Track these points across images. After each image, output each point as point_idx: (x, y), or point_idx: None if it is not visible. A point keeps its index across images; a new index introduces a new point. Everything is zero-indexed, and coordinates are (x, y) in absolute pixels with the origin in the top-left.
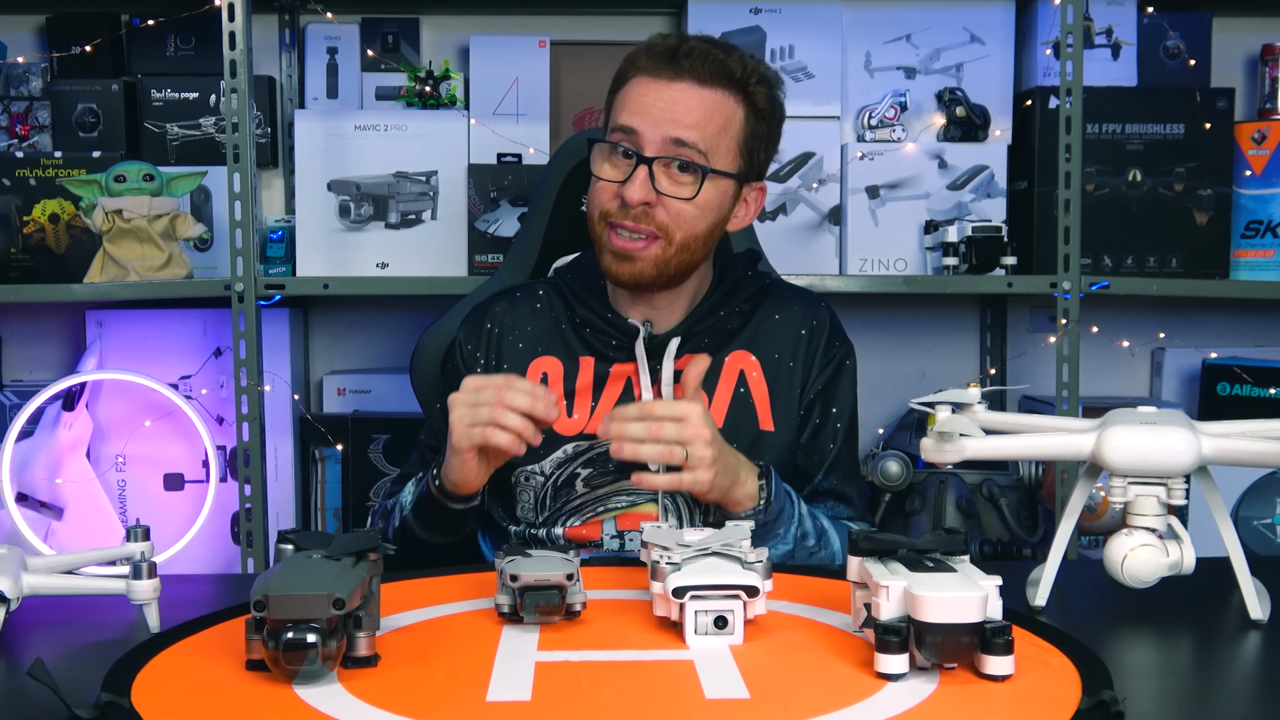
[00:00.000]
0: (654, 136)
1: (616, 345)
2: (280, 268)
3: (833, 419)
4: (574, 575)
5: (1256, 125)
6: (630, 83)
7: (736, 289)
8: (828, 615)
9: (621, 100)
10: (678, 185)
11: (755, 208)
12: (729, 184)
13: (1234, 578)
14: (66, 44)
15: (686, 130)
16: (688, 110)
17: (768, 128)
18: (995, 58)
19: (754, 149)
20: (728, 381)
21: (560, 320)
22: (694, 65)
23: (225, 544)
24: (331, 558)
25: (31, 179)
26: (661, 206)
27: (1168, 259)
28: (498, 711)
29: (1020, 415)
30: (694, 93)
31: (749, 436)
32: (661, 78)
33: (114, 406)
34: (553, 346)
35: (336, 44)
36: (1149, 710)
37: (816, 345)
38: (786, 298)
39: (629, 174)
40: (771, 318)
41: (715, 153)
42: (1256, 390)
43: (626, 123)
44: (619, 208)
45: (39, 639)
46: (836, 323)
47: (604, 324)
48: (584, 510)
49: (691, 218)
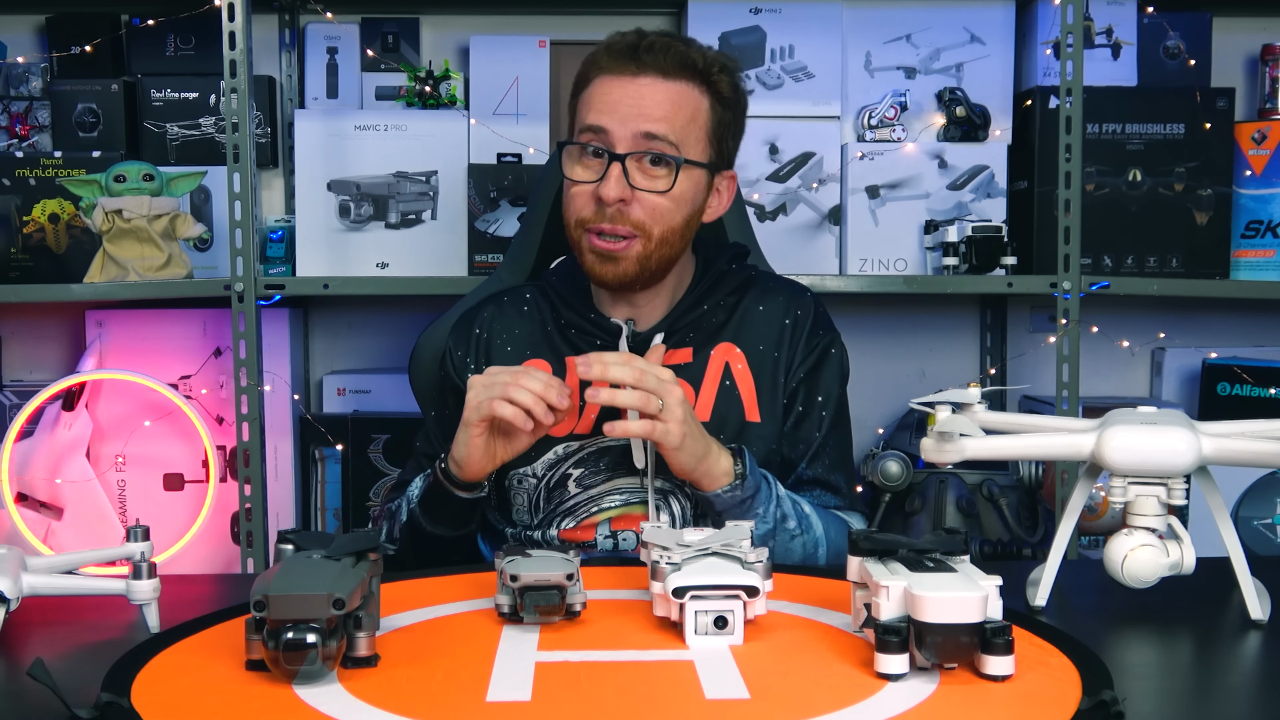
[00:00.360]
0: (624, 133)
1: (601, 345)
2: (280, 268)
3: (817, 407)
4: (574, 575)
5: (1257, 125)
6: (593, 83)
7: (720, 282)
8: (828, 615)
9: (587, 101)
10: (652, 179)
11: (728, 197)
12: (701, 174)
13: (1234, 578)
14: (66, 44)
15: (656, 123)
16: (655, 103)
17: (733, 115)
18: (995, 58)
19: (722, 137)
20: (713, 374)
21: (546, 323)
22: (656, 59)
23: (225, 544)
24: (331, 558)
25: (31, 179)
26: (637, 203)
27: (1168, 259)
28: (498, 711)
29: (1020, 415)
30: (659, 86)
31: (735, 428)
32: (625, 74)
33: (114, 406)
34: (540, 349)
35: (336, 44)
36: (1149, 710)
37: (800, 334)
38: (771, 288)
39: (602, 173)
40: (755, 309)
41: (686, 143)
42: (1257, 390)
43: (595, 122)
44: (595, 211)
45: (39, 639)
46: (822, 311)
47: (588, 324)
48: (578, 511)
49: (667, 212)
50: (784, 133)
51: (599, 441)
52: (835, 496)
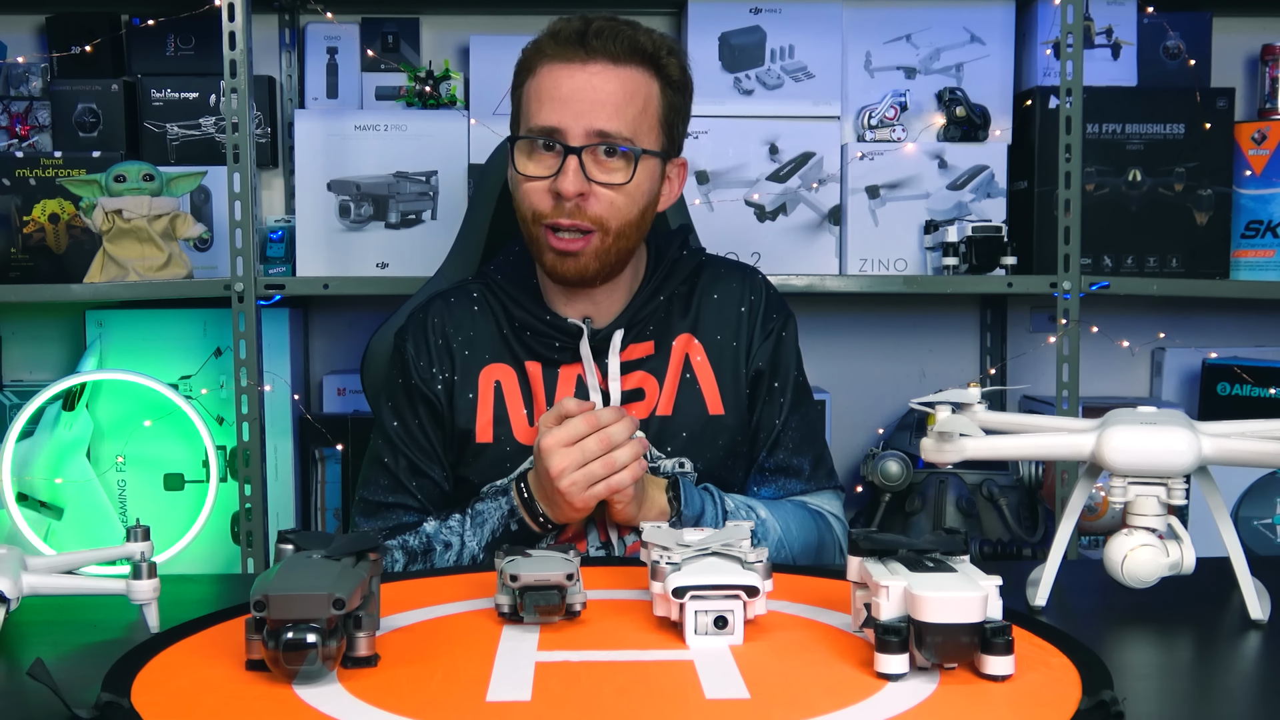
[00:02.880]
0: (577, 130)
1: (560, 347)
2: (280, 268)
3: (775, 394)
4: (574, 575)
5: (1257, 125)
6: (540, 72)
7: (674, 271)
8: (828, 615)
9: (534, 92)
10: (609, 172)
11: (679, 183)
12: (655, 163)
13: (1234, 578)
14: (66, 44)
15: (609, 120)
16: (608, 95)
17: (683, 99)
18: (995, 58)
19: (673, 123)
20: (675, 367)
21: (501, 325)
22: (605, 45)
23: (225, 544)
24: (331, 558)
25: (31, 179)
26: (594, 198)
27: (1168, 259)
28: (498, 711)
29: (1020, 415)
30: (610, 74)
31: (699, 422)
32: (574, 62)
33: (114, 406)
34: (500, 353)
35: (336, 44)
36: (1149, 710)
37: (755, 320)
38: (722, 274)
39: (557, 168)
40: (710, 297)
41: (639, 134)
42: (1257, 390)
43: (547, 122)
44: (553, 206)
45: (39, 639)
46: (774, 293)
47: (544, 326)
48: None
49: (624, 205)
50: (784, 133)
51: None
52: (799, 481)
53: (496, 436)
